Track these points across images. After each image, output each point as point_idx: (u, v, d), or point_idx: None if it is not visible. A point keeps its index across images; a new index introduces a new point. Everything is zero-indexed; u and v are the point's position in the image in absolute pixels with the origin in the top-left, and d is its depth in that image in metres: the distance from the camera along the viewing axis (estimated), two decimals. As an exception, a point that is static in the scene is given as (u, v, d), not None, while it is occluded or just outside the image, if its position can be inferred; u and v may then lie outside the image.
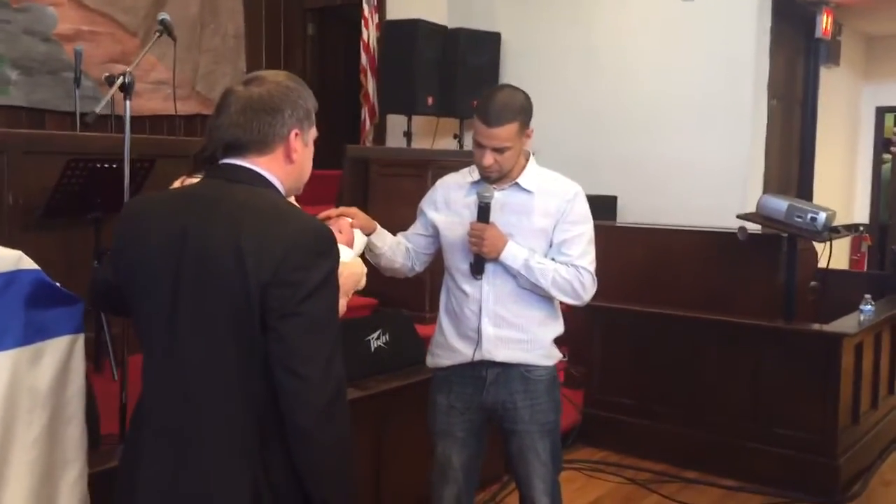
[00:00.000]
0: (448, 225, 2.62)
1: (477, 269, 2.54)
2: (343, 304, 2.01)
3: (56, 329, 2.00)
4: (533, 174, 2.56)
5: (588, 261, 2.53)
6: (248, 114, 1.67)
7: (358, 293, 2.41)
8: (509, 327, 2.55)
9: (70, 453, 2.05)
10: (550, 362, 2.62)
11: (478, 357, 2.56)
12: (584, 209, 2.57)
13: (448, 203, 2.65)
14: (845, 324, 4.20)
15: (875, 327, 4.32)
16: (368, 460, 3.33)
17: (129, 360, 3.07)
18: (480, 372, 2.58)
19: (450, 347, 2.63)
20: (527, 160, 2.58)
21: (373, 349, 3.63)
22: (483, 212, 2.51)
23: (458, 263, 2.60)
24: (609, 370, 4.60)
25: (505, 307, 2.54)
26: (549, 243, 2.53)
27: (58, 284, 2.02)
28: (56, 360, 2.01)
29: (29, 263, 1.94)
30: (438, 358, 2.69)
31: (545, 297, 2.55)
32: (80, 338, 2.08)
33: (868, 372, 4.30)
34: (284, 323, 1.56)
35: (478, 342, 2.55)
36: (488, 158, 2.46)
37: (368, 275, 2.36)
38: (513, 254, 2.48)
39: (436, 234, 2.68)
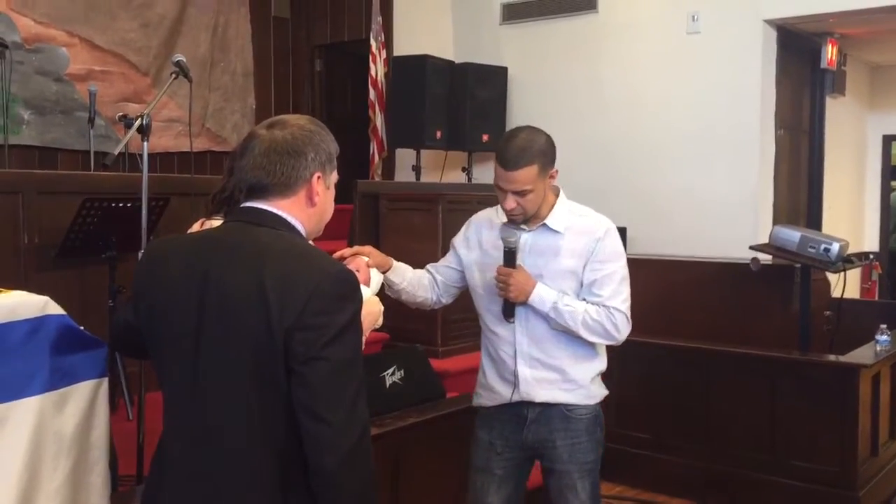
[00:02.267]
0: (480, 266, 2.61)
1: (508, 313, 2.51)
2: (361, 343, 2.01)
3: (81, 374, 2.00)
4: (562, 213, 2.52)
5: (620, 300, 2.48)
6: (272, 156, 1.68)
7: (370, 329, 2.41)
8: (546, 369, 2.52)
9: (93, 500, 2.04)
10: (592, 401, 2.57)
11: (516, 398, 2.54)
12: (615, 247, 2.52)
13: (480, 243, 2.63)
14: (862, 354, 4.17)
15: (892, 357, 4.29)
16: (386, 497, 3.30)
17: (145, 398, 3.07)
18: (521, 411, 2.56)
19: (490, 389, 2.61)
20: (556, 196, 2.54)
21: (388, 385, 3.61)
22: (509, 256, 2.48)
23: (490, 306, 2.58)
24: (624, 403, 4.56)
25: (540, 349, 2.51)
26: (580, 283, 2.49)
27: (82, 328, 2.03)
28: (81, 404, 2.00)
29: (55, 308, 1.95)
30: (481, 398, 2.68)
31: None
32: (104, 382, 2.08)
33: (886, 403, 4.27)
34: (308, 367, 1.56)
35: (515, 385, 2.53)
36: (510, 202, 2.43)
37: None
38: (541, 297, 2.45)
39: (463, 270, 2.67)
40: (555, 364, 2.52)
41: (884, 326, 4.35)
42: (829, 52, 6.44)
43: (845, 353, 4.23)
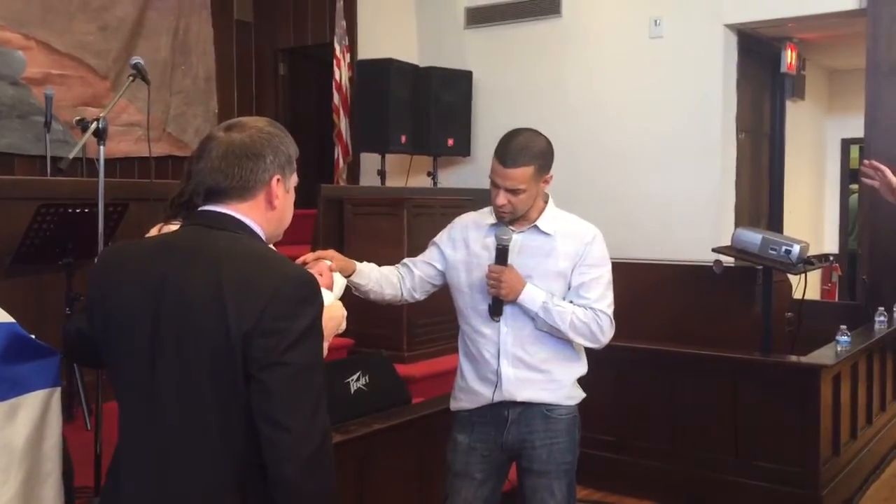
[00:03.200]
0: (466, 266, 2.61)
1: (495, 311, 2.52)
2: (324, 348, 1.98)
3: (32, 383, 1.94)
4: (551, 217, 2.56)
5: (606, 304, 2.53)
6: (230, 159, 1.65)
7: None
8: (528, 369, 2.53)
9: (46, 512, 1.98)
10: (572, 402, 2.60)
11: (497, 398, 2.54)
12: (602, 252, 2.57)
13: (467, 243, 2.63)
14: (823, 355, 4.21)
15: (851, 358, 4.34)
16: (350, 505, 3.27)
17: (102, 408, 3.01)
18: (502, 412, 2.56)
19: (470, 391, 2.60)
20: (546, 202, 2.58)
21: (352, 391, 3.57)
22: (501, 254, 2.49)
23: (476, 304, 2.58)
24: (587, 406, 4.54)
25: (523, 349, 2.53)
26: (568, 286, 2.53)
27: (33, 337, 1.97)
28: (32, 415, 1.95)
29: (4, 316, 1.89)
30: (460, 402, 2.66)
31: (564, 339, 2.53)
32: (57, 391, 2.02)
33: (846, 403, 4.31)
34: (268, 373, 1.52)
35: (497, 384, 2.53)
36: (501, 198, 2.46)
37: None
38: (531, 296, 2.47)
39: (445, 270, 2.67)
40: (538, 364, 2.53)
41: (844, 327, 4.40)
42: (789, 57, 6.55)
43: (806, 353, 4.27)
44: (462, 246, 2.64)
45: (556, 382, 2.55)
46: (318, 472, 1.56)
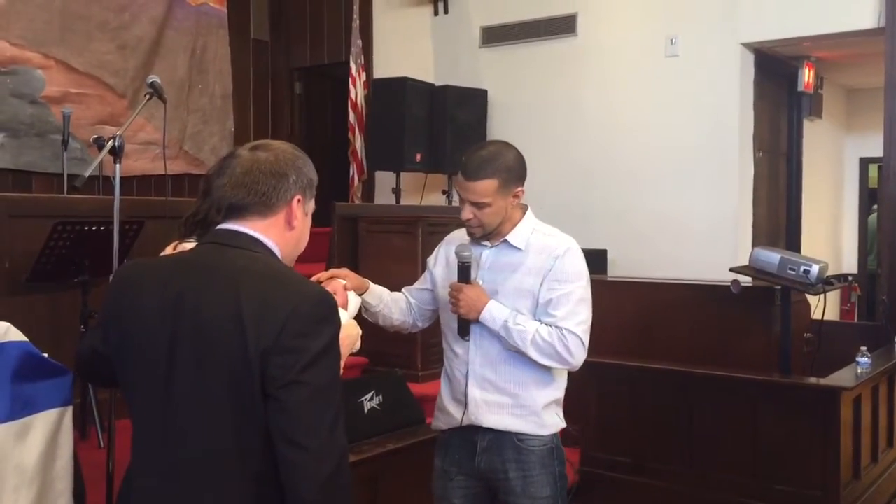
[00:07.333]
0: (442, 283, 2.56)
1: (463, 331, 2.45)
2: (340, 367, 1.96)
3: (44, 402, 1.93)
4: (525, 230, 2.46)
5: (575, 322, 2.36)
6: (255, 175, 1.65)
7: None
8: (496, 391, 2.43)
9: (57, 533, 1.97)
10: (545, 431, 2.45)
11: (466, 422, 2.45)
12: (575, 267, 2.42)
13: (447, 260, 2.58)
14: (843, 377, 4.15)
15: (872, 380, 4.28)
16: (364, 526, 3.24)
17: (115, 426, 3.00)
18: (473, 437, 2.47)
19: (445, 411, 2.53)
20: (523, 214, 2.49)
21: (366, 411, 3.56)
22: (462, 271, 2.43)
23: (449, 323, 2.53)
24: (605, 427, 4.53)
25: (492, 370, 2.43)
26: (536, 303, 2.40)
27: (46, 356, 1.96)
28: (44, 434, 1.93)
29: (16, 335, 1.88)
30: (437, 421, 2.60)
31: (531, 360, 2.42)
32: (69, 410, 2.01)
33: (867, 425, 4.24)
34: (286, 392, 1.52)
35: (465, 406, 2.45)
36: (467, 212, 2.39)
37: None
38: (492, 315, 2.37)
39: (433, 289, 2.62)
40: (506, 387, 2.42)
41: (864, 349, 4.33)
42: (806, 76, 6.52)
43: (826, 375, 4.20)
44: (443, 263, 2.59)
45: (525, 408, 2.42)
46: (336, 493, 1.54)
